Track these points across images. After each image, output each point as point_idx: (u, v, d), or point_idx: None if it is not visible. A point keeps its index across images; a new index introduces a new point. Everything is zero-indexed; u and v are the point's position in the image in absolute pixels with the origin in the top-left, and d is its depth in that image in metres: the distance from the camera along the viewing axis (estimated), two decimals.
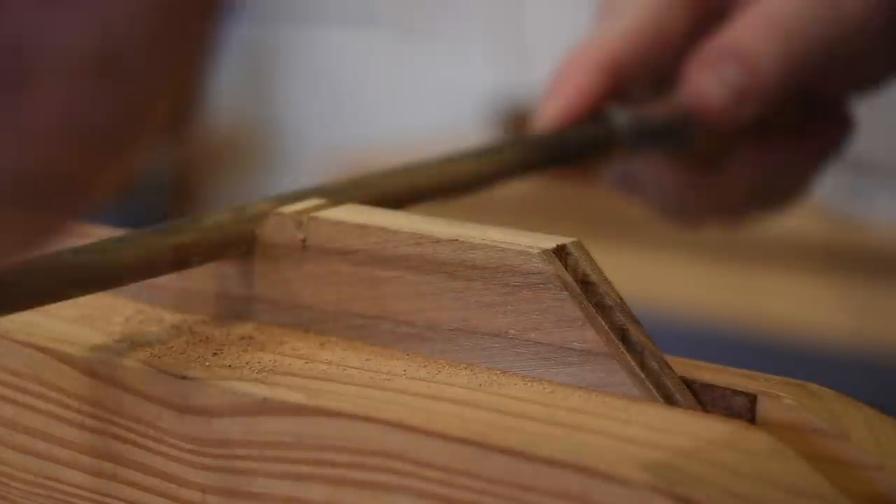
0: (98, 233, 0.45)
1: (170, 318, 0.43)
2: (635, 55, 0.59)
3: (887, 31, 0.60)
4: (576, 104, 0.59)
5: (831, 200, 1.37)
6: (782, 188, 0.65)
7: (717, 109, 0.58)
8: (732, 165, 0.62)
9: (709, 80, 0.58)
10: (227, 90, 2.34)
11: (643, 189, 0.65)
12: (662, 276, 1.39)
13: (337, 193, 0.44)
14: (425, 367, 0.39)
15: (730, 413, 0.37)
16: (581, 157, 0.58)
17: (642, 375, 0.37)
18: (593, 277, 0.38)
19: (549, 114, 0.59)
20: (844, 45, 0.59)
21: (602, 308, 0.38)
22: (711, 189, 0.63)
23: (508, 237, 0.39)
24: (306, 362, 0.39)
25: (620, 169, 0.64)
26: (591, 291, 0.38)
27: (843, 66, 0.60)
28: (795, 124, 0.63)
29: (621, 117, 0.58)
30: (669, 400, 0.37)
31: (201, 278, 0.43)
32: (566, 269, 0.38)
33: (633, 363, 0.38)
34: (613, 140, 0.58)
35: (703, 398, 0.38)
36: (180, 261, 0.41)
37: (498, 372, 0.39)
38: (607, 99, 0.59)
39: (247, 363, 0.39)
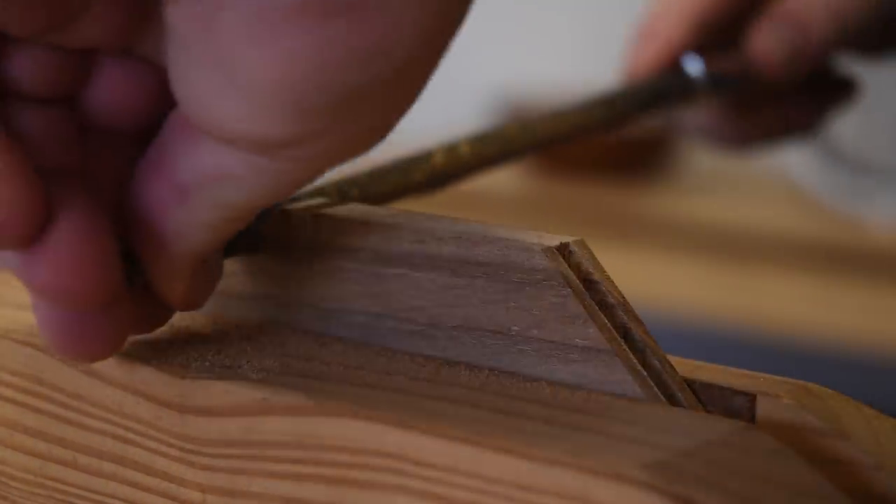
0: None
1: None
2: (719, 12, 0.68)
3: None
4: (663, 56, 0.67)
5: (831, 200, 1.37)
6: (792, 126, 0.75)
7: (775, 64, 0.68)
8: (768, 111, 0.72)
9: (770, 38, 0.68)
10: None
11: (687, 126, 0.74)
12: (662, 276, 1.39)
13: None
14: (425, 366, 0.39)
15: (729, 413, 0.37)
16: (664, 107, 0.65)
17: (644, 373, 0.37)
18: (596, 276, 0.38)
19: (637, 61, 0.68)
20: (889, 17, 0.69)
21: (604, 306, 0.38)
22: (746, 129, 0.73)
23: (512, 234, 0.39)
24: (307, 362, 0.39)
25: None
26: (593, 289, 0.38)
27: (879, 34, 0.71)
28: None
29: (700, 70, 0.66)
30: (671, 398, 0.37)
31: None
32: (569, 266, 0.38)
33: (634, 361, 0.38)
34: (694, 90, 0.66)
35: (702, 398, 0.38)
36: None
37: (499, 371, 0.39)
38: (688, 50, 0.68)
39: (247, 363, 0.39)
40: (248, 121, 0.34)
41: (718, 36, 0.70)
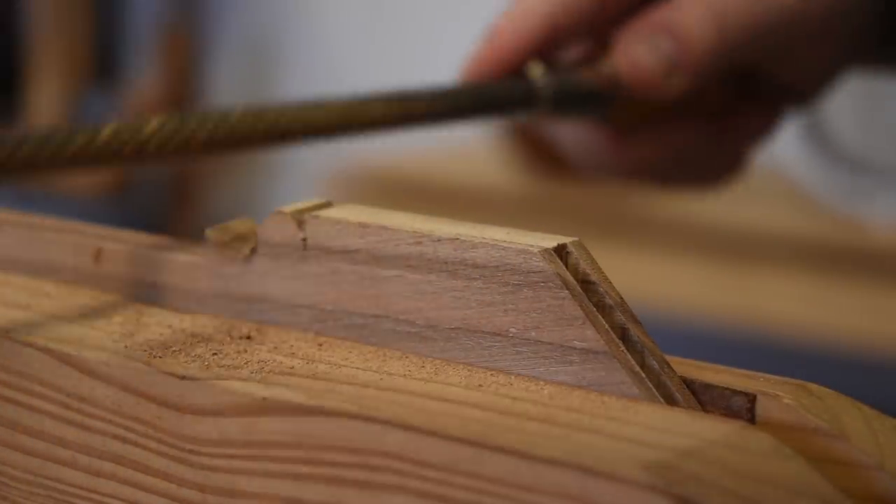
0: (96, 231, 0.45)
1: (170, 317, 0.43)
2: (575, 15, 0.60)
3: (826, 22, 0.60)
4: (508, 57, 0.59)
5: (831, 200, 1.37)
6: (696, 167, 0.66)
7: (647, 78, 0.59)
8: (644, 136, 0.63)
9: (641, 49, 0.59)
10: (226, 90, 2.34)
11: (558, 136, 0.65)
12: (662, 276, 1.39)
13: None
14: (424, 366, 0.39)
15: (729, 413, 0.37)
16: (499, 112, 0.59)
17: (642, 374, 0.37)
18: (593, 277, 0.38)
19: (480, 58, 0.60)
20: (780, 31, 0.59)
21: (602, 307, 0.38)
22: (619, 155, 0.63)
23: (509, 236, 0.39)
24: (306, 362, 0.39)
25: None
26: (591, 290, 0.38)
27: (780, 51, 0.61)
28: (716, 110, 0.64)
29: (546, 80, 0.59)
30: (669, 399, 0.37)
31: (202, 278, 0.43)
32: (566, 268, 0.38)
33: (633, 362, 0.38)
34: (536, 100, 0.58)
35: (702, 398, 0.38)
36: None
37: (498, 371, 0.39)
38: (535, 57, 0.60)
39: (246, 363, 0.39)
40: None
41: (576, 44, 0.62)
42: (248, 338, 0.41)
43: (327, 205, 0.42)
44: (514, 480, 0.34)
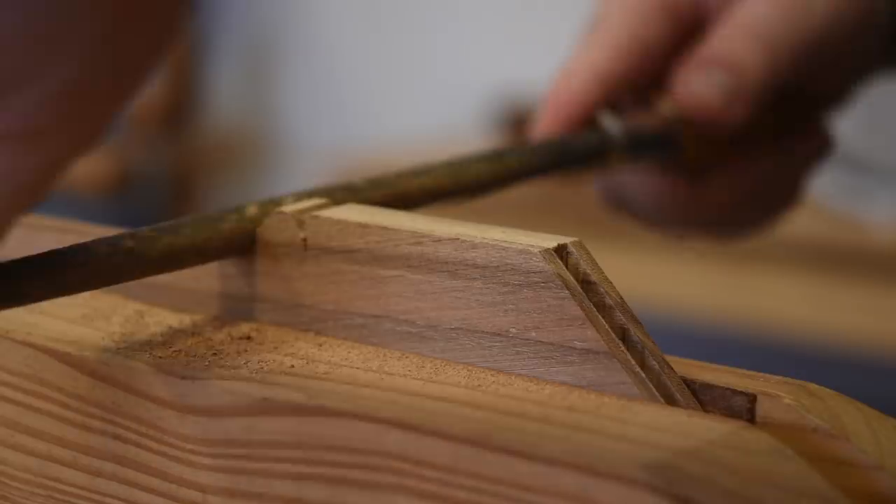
0: (96, 231, 0.45)
1: (170, 318, 0.43)
2: (623, 66, 0.63)
3: (860, 29, 0.63)
4: (572, 113, 0.62)
5: (831, 200, 1.37)
6: (763, 203, 0.68)
7: (709, 109, 0.61)
8: (716, 179, 0.65)
9: (699, 82, 0.61)
10: (226, 90, 2.34)
11: (629, 204, 0.67)
12: (662, 276, 1.39)
13: (336, 194, 0.44)
14: (424, 366, 0.39)
15: (729, 413, 0.37)
16: (579, 164, 0.60)
17: (643, 374, 0.37)
18: (594, 277, 0.38)
19: (546, 122, 0.62)
20: (820, 46, 0.62)
21: (602, 307, 0.38)
22: (696, 202, 0.65)
23: (509, 236, 0.39)
24: (306, 362, 0.39)
25: (607, 185, 0.67)
26: (591, 291, 0.38)
27: (823, 65, 0.63)
28: (775, 139, 0.66)
29: (615, 125, 0.61)
30: (669, 399, 0.37)
31: (202, 278, 0.43)
32: (567, 268, 0.38)
33: (633, 362, 0.38)
34: (609, 147, 0.60)
35: (702, 398, 0.38)
36: (179, 260, 0.41)
37: (498, 371, 0.39)
38: (599, 108, 0.62)
39: (247, 363, 0.39)
40: None
41: (635, 94, 0.63)
42: (248, 338, 0.41)
43: (327, 205, 0.43)
44: (515, 480, 0.34)
